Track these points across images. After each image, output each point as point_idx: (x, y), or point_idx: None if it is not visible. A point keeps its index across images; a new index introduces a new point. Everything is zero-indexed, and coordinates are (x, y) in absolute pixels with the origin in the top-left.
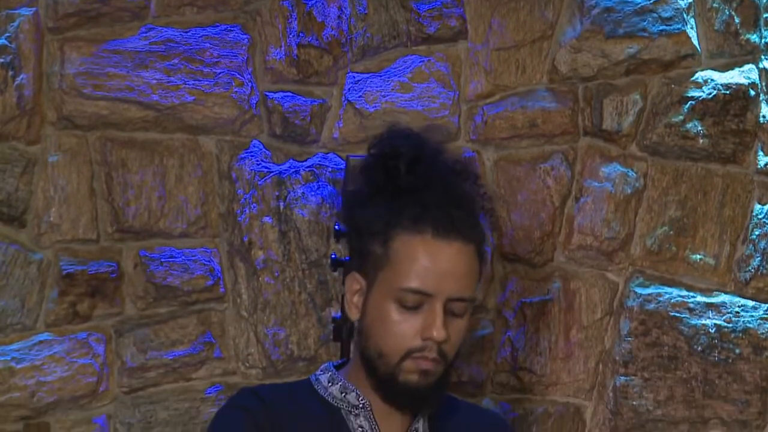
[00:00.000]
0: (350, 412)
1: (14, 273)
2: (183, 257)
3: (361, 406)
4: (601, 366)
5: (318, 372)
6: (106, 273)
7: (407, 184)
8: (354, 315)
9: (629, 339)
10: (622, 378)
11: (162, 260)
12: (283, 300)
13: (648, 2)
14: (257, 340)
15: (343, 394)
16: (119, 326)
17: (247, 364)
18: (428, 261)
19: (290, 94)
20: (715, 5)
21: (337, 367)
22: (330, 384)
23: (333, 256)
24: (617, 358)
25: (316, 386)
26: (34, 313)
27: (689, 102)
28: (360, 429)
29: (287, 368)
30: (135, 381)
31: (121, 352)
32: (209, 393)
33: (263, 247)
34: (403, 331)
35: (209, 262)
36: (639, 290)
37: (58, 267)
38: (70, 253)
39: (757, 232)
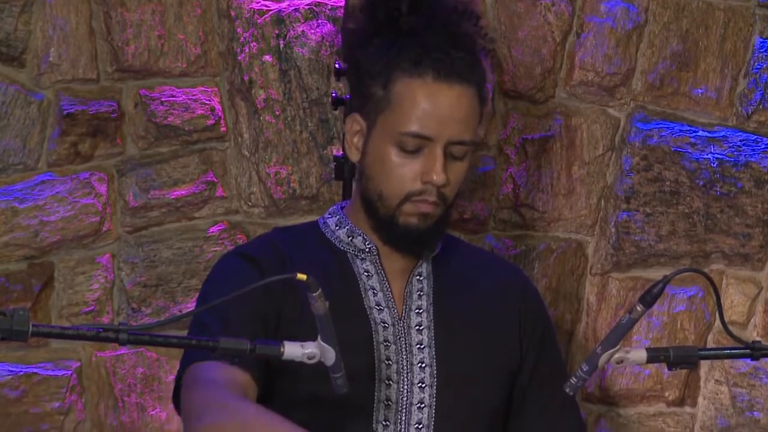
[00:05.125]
0: (356, 255)
1: (15, 113)
2: (183, 96)
3: (367, 250)
4: (603, 201)
5: (326, 215)
6: (107, 113)
7: (408, 25)
8: (354, 156)
9: (631, 174)
10: (624, 213)
11: (162, 100)
12: (284, 139)
13: None
14: (259, 179)
15: (350, 238)
16: (121, 166)
17: (250, 203)
18: (428, 105)
19: None
20: None
21: (343, 209)
22: (337, 228)
23: (334, 94)
24: (619, 193)
25: (324, 230)
26: (36, 153)
27: None
28: (366, 273)
29: (289, 207)
30: (138, 220)
31: (124, 191)
32: (212, 232)
33: (264, 86)
34: (403, 175)
35: (210, 101)
36: (640, 125)
37: (58, 107)
38: (71, 92)
39: (758, 66)
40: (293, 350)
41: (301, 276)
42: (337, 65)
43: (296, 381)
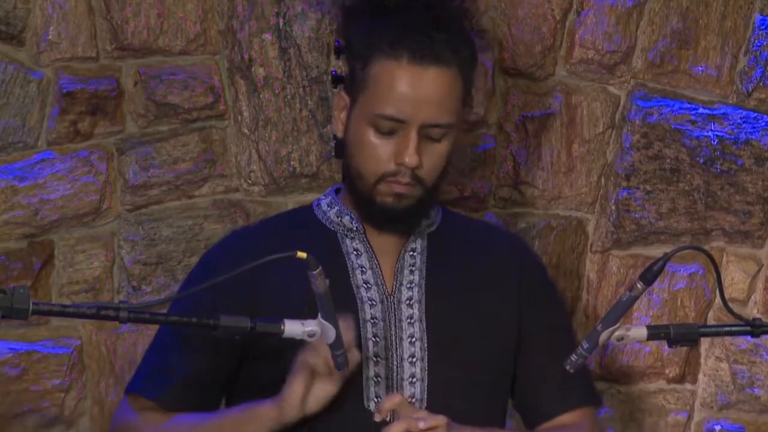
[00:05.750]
0: (346, 235)
1: (14, 92)
2: (183, 74)
3: (354, 229)
4: (603, 179)
5: (321, 196)
6: (106, 91)
7: (393, 3)
8: (339, 132)
9: (631, 152)
10: (625, 191)
11: (162, 78)
12: (284, 117)
13: None
14: (259, 157)
15: (339, 218)
16: (121, 144)
17: (250, 181)
18: (403, 87)
19: None
20: None
21: (338, 191)
22: (329, 208)
23: (333, 72)
24: (619, 171)
25: (316, 211)
26: (36, 132)
27: None
28: (355, 252)
29: (289, 185)
30: (138, 198)
31: (124, 169)
32: (212, 210)
33: (263, 64)
34: (378, 156)
35: (209, 79)
36: (641, 103)
37: (58, 85)
38: (70, 71)
39: (759, 44)
40: (294, 328)
41: (301, 254)
42: (336, 43)
43: (283, 365)
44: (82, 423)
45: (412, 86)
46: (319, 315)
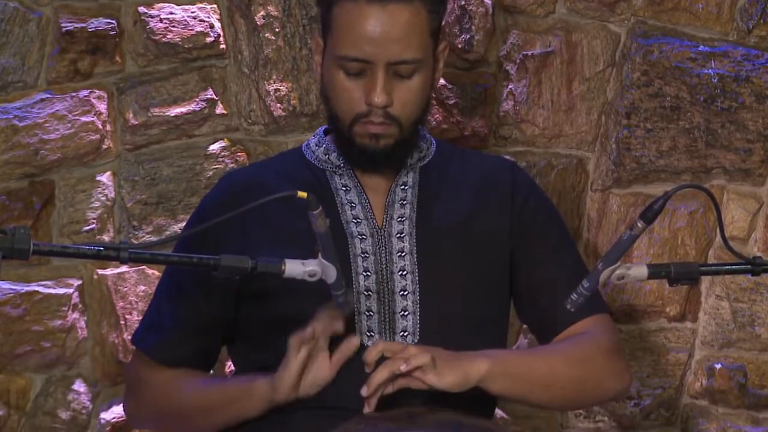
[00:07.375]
0: (334, 172)
1: (14, 31)
2: (182, 14)
3: (342, 165)
4: (603, 117)
5: (311, 137)
6: (106, 30)
7: None
8: (317, 75)
9: (632, 90)
10: (625, 129)
11: (161, 17)
12: (284, 56)
13: None
14: (259, 97)
15: (327, 156)
16: (120, 83)
17: (250, 121)
18: (363, 27)
19: None
20: None
21: (329, 131)
22: (317, 147)
23: None
24: (620, 109)
25: (305, 151)
26: (35, 71)
27: None
28: (344, 188)
29: (289, 124)
30: (138, 138)
31: (123, 109)
32: (212, 149)
33: (263, 3)
34: (350, 97)
35: (209, 18)
36: (641, 41)
37: (57, 24)
38: (69, 10)
39: None
40: (294, 268)
41: (302, 194)
42: None
43: (277, 304)
44: (84, 363)
45: (371, 25)
46: (320, 255)
